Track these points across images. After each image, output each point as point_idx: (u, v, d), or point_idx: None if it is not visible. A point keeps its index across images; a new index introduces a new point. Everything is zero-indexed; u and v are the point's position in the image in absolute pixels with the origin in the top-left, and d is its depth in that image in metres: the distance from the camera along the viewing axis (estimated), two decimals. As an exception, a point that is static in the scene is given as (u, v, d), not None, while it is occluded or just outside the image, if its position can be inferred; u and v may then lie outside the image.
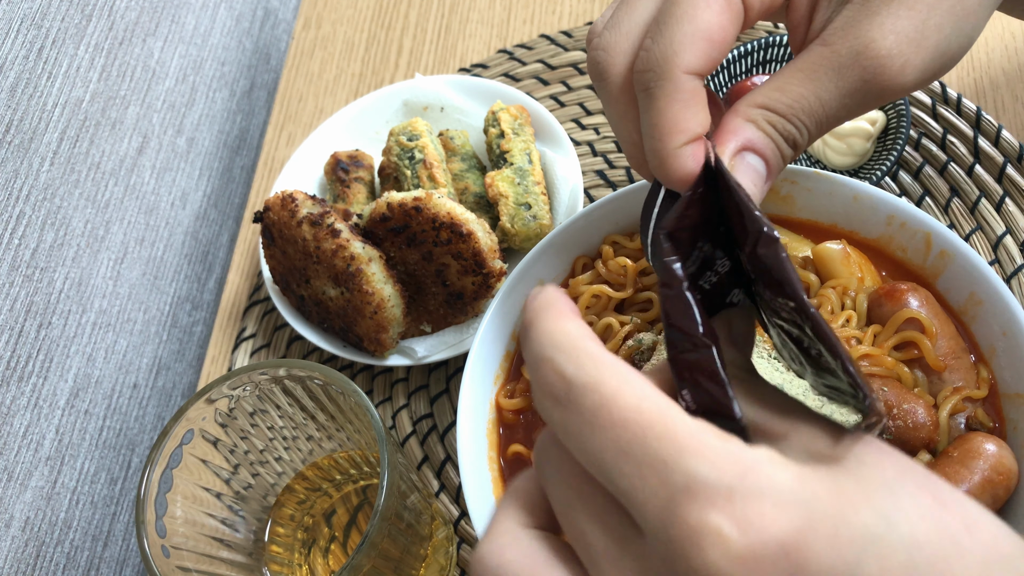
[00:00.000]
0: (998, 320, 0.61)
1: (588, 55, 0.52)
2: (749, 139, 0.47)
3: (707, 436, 0.30)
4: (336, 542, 0.76)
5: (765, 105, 0.47)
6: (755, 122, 0.47)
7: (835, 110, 0.47)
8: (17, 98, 0.81)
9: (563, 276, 0.75)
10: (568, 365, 0.33)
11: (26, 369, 0.82)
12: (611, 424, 0.31)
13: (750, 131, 0.47)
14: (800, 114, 0.47)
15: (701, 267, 0.44)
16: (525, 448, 0.68)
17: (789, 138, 0.47)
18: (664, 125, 0.46)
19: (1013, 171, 0.83)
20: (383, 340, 0.83)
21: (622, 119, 0.51)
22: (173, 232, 1.08)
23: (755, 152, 0.48)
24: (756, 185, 0.47)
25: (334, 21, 1.19)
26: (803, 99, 0.46)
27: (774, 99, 0.47)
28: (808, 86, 0.46)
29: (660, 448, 0.30)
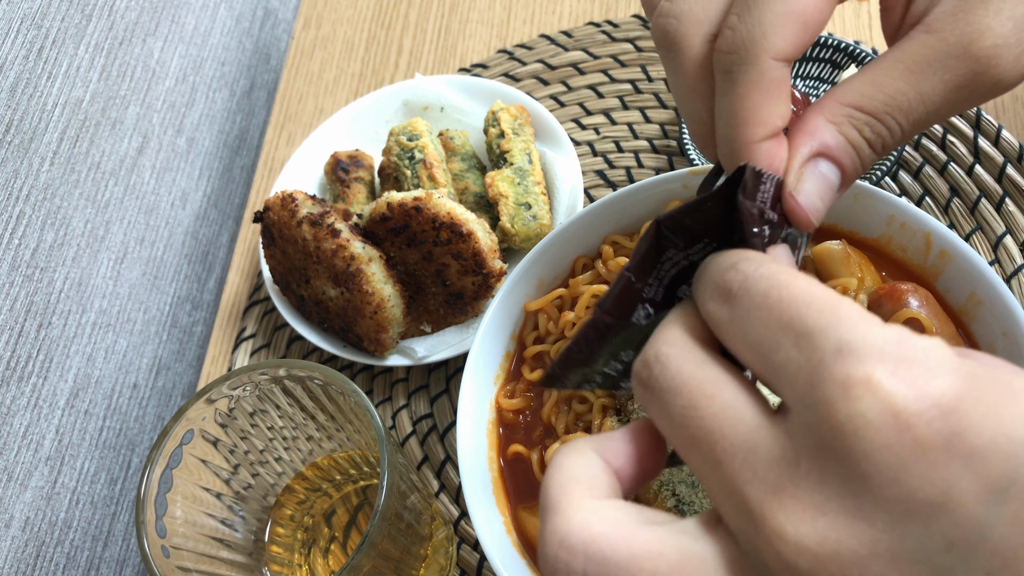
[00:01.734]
0: (998, 320, 0.61)
1: (656, 22, 0.46)
2: (827, 144, 0.42)
3: (873, 321, 0.29)
4: (336, 542, 0.76)
5: (856, 104, 0.42)
6: (838, 124, 0.42)
7: (938, 107, 0.41)
8: (17, 98, 0.81)
9: (563, 276, 0.75)
10: (742, 262, 0.34)
11: (26, 369, 0.82)
12: (779, 301, 0.31)
13: (829, 134, 0.42)
14: (896, 113, 0.41)
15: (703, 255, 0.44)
16: (525, 448, 0.68)
17: (877, 142, 0.43)
18: (744, 115, 0.42)
19: (1013, 171, 0.83)
20: (383, 340, 0.83)
21: (693, 96, 0.46)
22: (173, 232, 1.08)
23: (831, 160, 0.43)
24: (823, 199, 0.42)
25: (334, 21, 1.19)
26: (902, 95, 0.41)
27: (868, 96, 0.42)
28: (909, 80, 0.41)
29: (820, 319, 0.30)
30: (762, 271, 0.33)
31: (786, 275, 0.32)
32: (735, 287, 0.33)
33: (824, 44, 0.89)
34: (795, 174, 0.42)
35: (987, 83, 0.41)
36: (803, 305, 0.30)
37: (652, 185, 0.71)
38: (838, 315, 0.29)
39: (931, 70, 0.40)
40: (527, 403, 0.71)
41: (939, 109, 0.41)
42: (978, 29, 0.40)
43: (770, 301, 0.31)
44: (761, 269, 0.33)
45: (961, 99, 0.41)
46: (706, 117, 0.46)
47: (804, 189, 0.42)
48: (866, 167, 0.44)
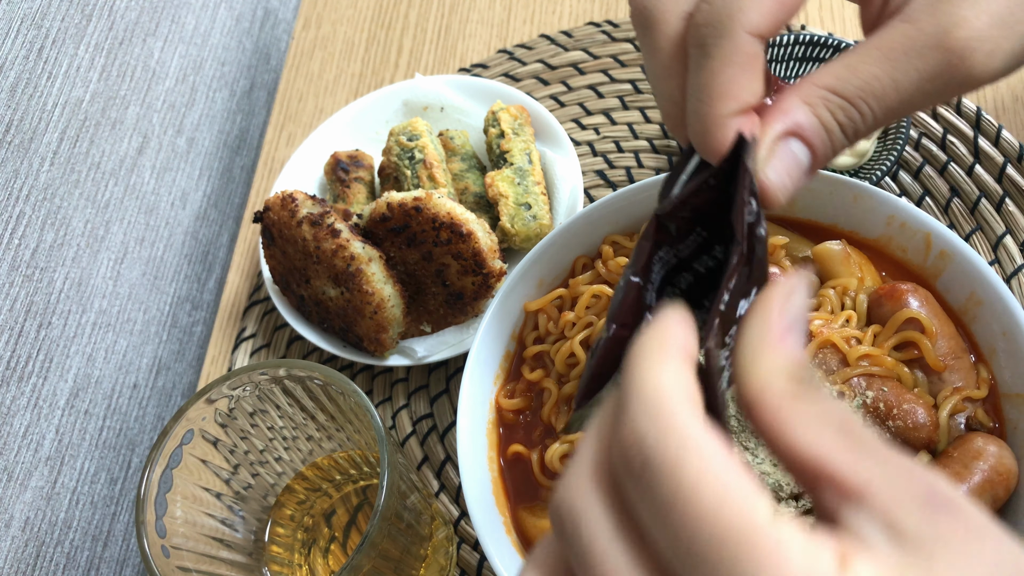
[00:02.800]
0: (998, 320, 0.61)
1: (632, 1, 0.47)
2: (799, 123, 0.42)
3: (791, 550, 0.27)
4: (336, 542, 0.76)
5: (830, 87, 0.42)
6: (812, 105, 0.42)
7: (910, 96, 0.41)
8: (17, 98, 0.81)
9: (563, 276, 0.75)
10: (649, 433, 0.30)
11: (26, 369, 0.82)
12: (684, 524, 0.28)
13: (803, 114, 0.42)
14: (869, 98, 0.42)
15: (697, 251, 0.43)
16: (525, 448, 0.69)
17: (849, 126, 0.43)
18: (716, 88, 0.42)
19: (1013, 171, 0.84)
20: (383, 340, 0.83)
21: (666, 74, 0.46)
22: (173, 232, 1.08)
23: (802, 139, 0.43)
24: (791, 176, 0.43)
25: (334, 21, 1.19)
26: (876, 81, 0.41)
27: (843, 79, 0.42)
28: (884, 67, 0.41)
29: (737, 564, 0.27)
30: (662, 457, 0.29)
31: (694, 469, 0.28)
32: (636, 469, 0.30)
33: (823, 44, 0.89)
34: (766, 149, 0.42)
35: (960, 75, 0.41)
36: (715, 533, 0.27)
37: (652, 185, 0.71)
38: (756, 560, 0.27)
39: (906, 58, 0.41)
40: (527, 403, 0.71)
41: (912, 98, 0.42)
42: (954, 20, 0.40)
43: (676, 514, 0.28)
44: (659, 451, 0.29)
45: (934, 89, 0.41)
46: (679, 97, 0.46)
47: (774, 165, 0.42)
48: (836, 150, 0.44)
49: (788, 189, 0.43)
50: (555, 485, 0.34)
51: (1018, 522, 0.57)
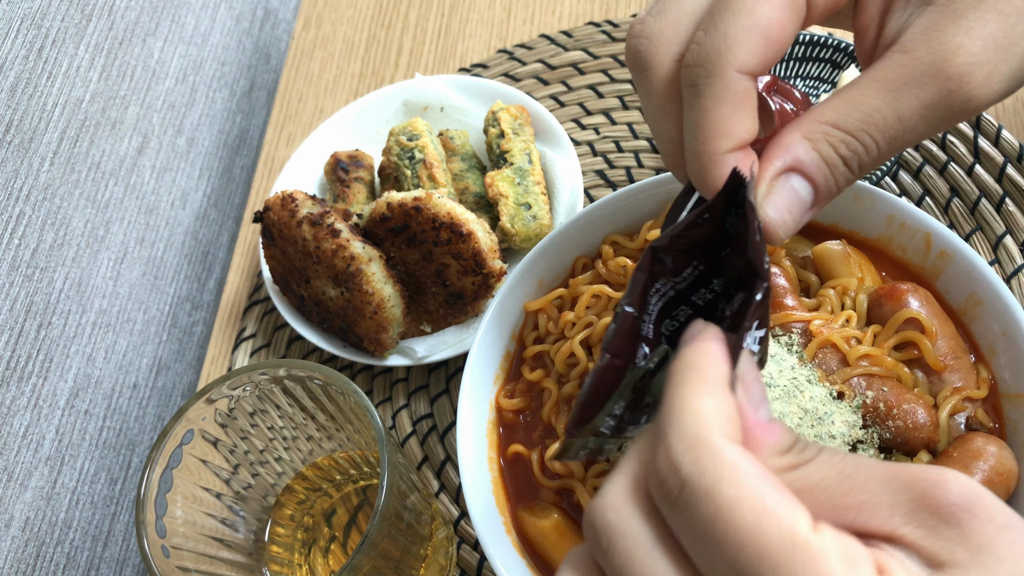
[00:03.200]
0: (998, 320, 0.61)
1: (628, 43, 0.48)
2: (799, 159, 0.42)
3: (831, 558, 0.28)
4: (336, 542, 0.76)
5: (831, 121, 0.42)
6: (813, 140, 0.42)
7: (914, 126, 0.41)
8: (17, 98, 0.81)
9: (563, 276, 0.75)
10: (686, 459, 0.31)
11: (26, 369, 0.82)
12: (725, 541, 0.29)
13: (803, 150, 0.42)
14: (872, 131, 0.41)
15: (695, 284, 0.43)
16: (525, 448, 0.68)
17: (853, 160, 0.42)
18: (709, 127, 0.42)
19: (1013, 171, 0.83)
20: (383, 340, 0.83)
21: (661, 115, 0.47)
22: (173, 232, 1.08)
23: (803, 175, 0.42)
24: (792, 213, 0.43)
25: (334, 21, 1.19)
26: (878, 113, 0.41)
27: (844, 113, 0.42)
28: (885, 98, 0.41)
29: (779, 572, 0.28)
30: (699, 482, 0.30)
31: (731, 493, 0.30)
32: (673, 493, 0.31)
33: (824, 44, 0.89)
34: (766, 185, 0.42)
35: (959, 100, 0.41)
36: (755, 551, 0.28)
37: (652, 185, 0.71)
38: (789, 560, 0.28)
39: (906, 88, 0.41)
40: (527, 403, 0.71)
41: (915, 127, 0.42)
42: (950, 48, 0.40)
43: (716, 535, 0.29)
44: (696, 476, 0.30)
45: (936, 117, 0.42)
46: (676, 136, 0.47)
47: (773, 201, 0.42)
48: (840, 186, 0.44)
49: (789, 226, 0.43)
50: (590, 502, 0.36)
51: (1018, 522, 0.57)
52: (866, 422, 0.59)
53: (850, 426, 0.58)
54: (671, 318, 0.43)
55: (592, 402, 0.42)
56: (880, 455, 0.59)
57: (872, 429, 0.59)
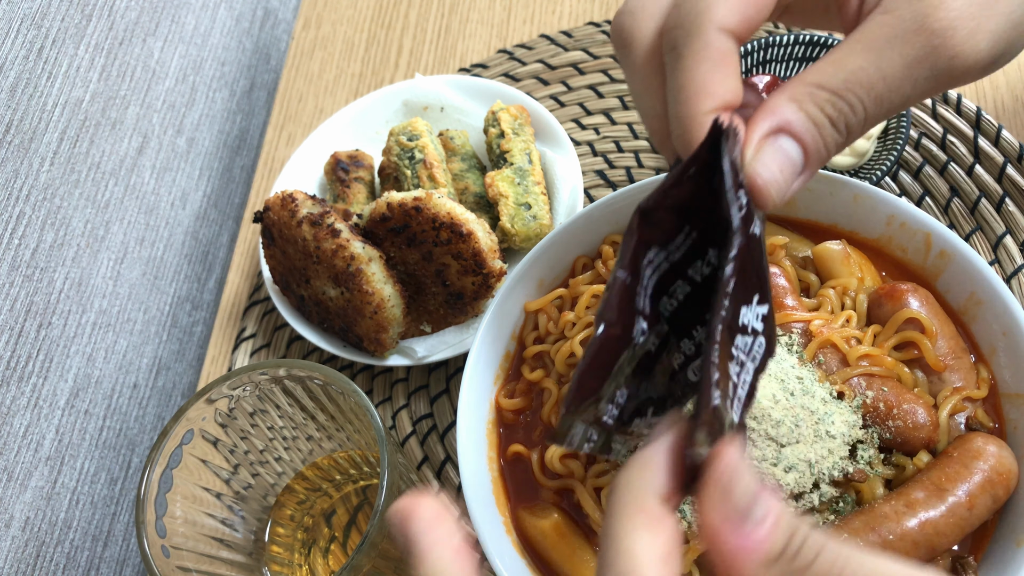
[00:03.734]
0: (998, 320, 0.61)
1: (613, 22, 0.47)
2: (787, 120, 0.41)
3: None
4: (336, 542, 0.76)
5: (817, 83, 0.41)
6: (799, 101, 0.42)
7: (899, 84, 0.41)
8: (17, 98, 0.81)
9: (563, 276, 0.75)
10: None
11: (26, 369, 0.82)
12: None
13: (790, 111, 0.41)
14: (857, 90, 0.41)
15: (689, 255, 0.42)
16: (525, 448, 0.68)
17: (840, 120, 0.42)
18: (691, 86, 0.42)
19: (1013, 171, 0.83)
20: (383, 340, 0.83)
21: (646, 89, 0.46)
22: (173, 232, 1.08)
23: (792, 135, 0.42)
24: (784, 173, 0.42)
25: (334, 21, 1.19)
26: (862, 71, 0.41)
27: (827, 75, 0.41)
28: (867, 57, 0.41)
29: None
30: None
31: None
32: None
33: (824, 44, 0.89)
34: (754, 147, 0.41)
35: (944, 57, 0.41)
36: None
37: (652, 185, 0.71)
38: None
39: (889, 46, 0.41)
40: (527, 403, 0.71)
41: (900, 86, 0.41)
42: (933, 4, 0.40)
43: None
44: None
45: (922, 76, 0.41)
46: (661, 110, 0.46)
47: (763, 160, 0.41)
48: (830, 147, 0.43)
49: (780, 186, 0.42)
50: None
51: (1018, 522, 0.57)
52: (866, 422, 0.59)
53: (850, 426, 0.58)
54: (668, 295, 0.42)
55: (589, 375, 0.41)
56: (880, 455, 0.59)
57: (872, 429, 0.59)
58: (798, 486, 0.56)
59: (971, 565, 0.56)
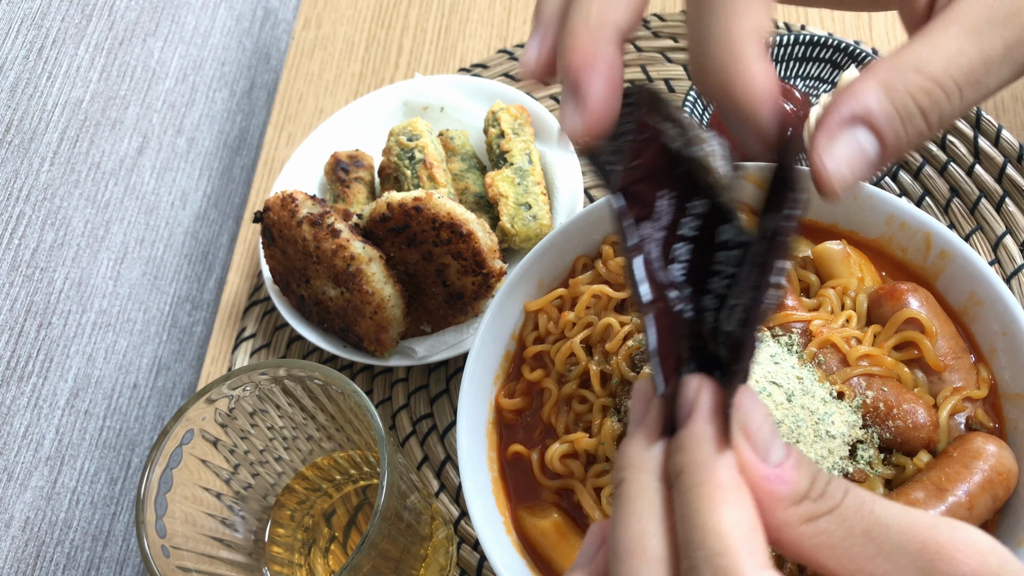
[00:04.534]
0: (998, 320, 0.61)
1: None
2: (868, 108, 0.37)
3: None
4: (336, 542, 0.76)
5: (914, 66, 0.37)
6: (889, 88, 0.37)
7: (998, 68, 0.38)
8: (17, 98, 0.81)
9: (563, 276, 0.75)
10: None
11: (26, 369, 0.82)
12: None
13: (876, 99, 0.37)
14: (957, 74, 0.37)
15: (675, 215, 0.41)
16: (525, 448, 0.68)
17: (933, 111, 0.38)
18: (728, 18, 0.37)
19: (1013, 171, 0.84)
20: (383, 340, 0.83)
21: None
22: (173, 232, 1.08)
23: (872, 128, 0.38)
24: (852, 168, 0.37)
25: (334, 21, 1.19)
26: (963, 55, 0.37)
27: (925, 58, 0.37)
28: (970, 39, 0.37)
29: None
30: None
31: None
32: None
33: (824, 44, 0.89)
34: (826, 134, 0.37)
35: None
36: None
37: (652, 185, 0.71)
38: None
39: (990, 28, 0.37)
40: (527, 403, 0.71)
41: (999, 71, 0.38)
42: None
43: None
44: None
45: (1019, 59, 0.38)
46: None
47: (834, 153, 0.37)
48: (912, 142, 0.39)
49: (847, 182, 0.38)
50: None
51: (1018, 522, 0.57)
52: (866, 422, 0.59)
53: (850, 426, 0.58)
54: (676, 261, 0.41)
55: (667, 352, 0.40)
56: (880, 455, 0.59)
57: (872, 429, 0.59)
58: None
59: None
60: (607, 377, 0.66)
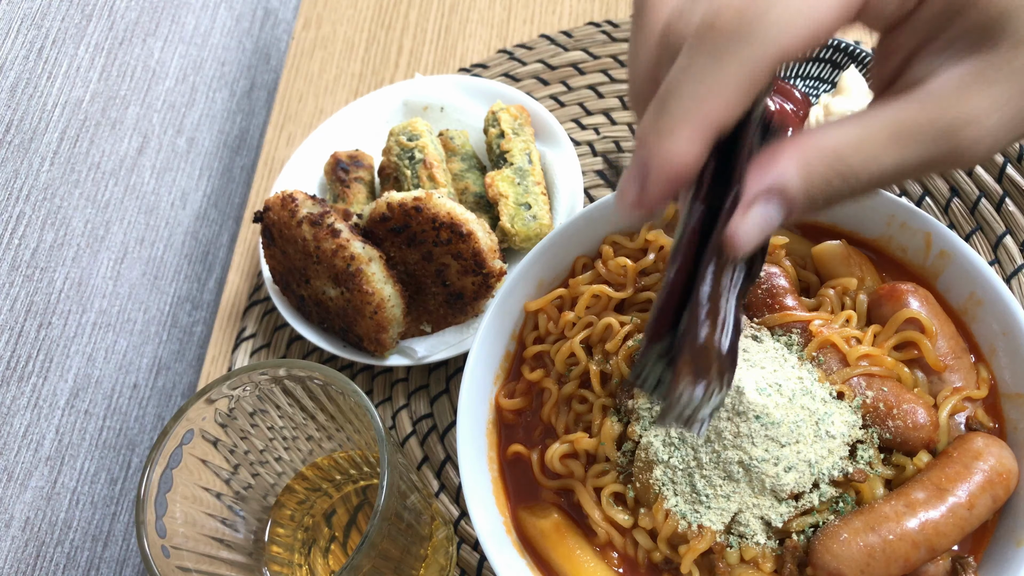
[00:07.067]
0: (998, 320, 0.61)
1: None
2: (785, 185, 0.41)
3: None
4: (336, 542, 0.76)
5: (835, 152, 0.41)
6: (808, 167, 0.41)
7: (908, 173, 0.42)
8: (17, 98, 0.81)
9: (563, 276, 0.75)
10: None
11: (26, 369, 0.82)
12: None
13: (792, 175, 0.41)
14: (873, 168, 0.41)
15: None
16: (525, 448, 0.68)
17: (842, 190, 0.42)
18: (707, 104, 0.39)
19: (1013, 171, 0.84)
20: (383, 340, 0.83)
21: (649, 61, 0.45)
22: (173, 232, 1.08)
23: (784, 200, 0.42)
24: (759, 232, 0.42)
25: (334, 21, 1.19)
26: (884, 156, 0.41)
27: (849, 151, 0.41)
28: (893, 147, 0.41)
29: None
30: None
31: None
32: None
33: (824, 44, 0.89)
34: (746, 204, 0.41)
35: (955, 162, 0.41)
36: None
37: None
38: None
39: (915, 143, 0.41)
40: (527, 403, 0.71)
41: (909, 175, 0.42)
42: (967, 119, 0.40)
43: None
44: None
45: (928, 169, 0.42)
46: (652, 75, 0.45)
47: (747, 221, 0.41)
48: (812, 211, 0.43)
49: (753, 243, 0.42)
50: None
51: (1018, 522, 0.57)
52: (866, 422, 0.59)
53: (850, 426, 0.58)
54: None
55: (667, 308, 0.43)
56: (880, 455, 0.59)
57: (872, 429, 0.59)
58: (798, 486, 0.56)
59: (971, 565, 0.56)
60: (607, 377, 0.66)
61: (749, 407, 0.55)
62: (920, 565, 0.55)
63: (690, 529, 0.57)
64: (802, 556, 0.57)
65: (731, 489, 0.57)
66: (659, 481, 0.59)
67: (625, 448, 0.63)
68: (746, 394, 0.56)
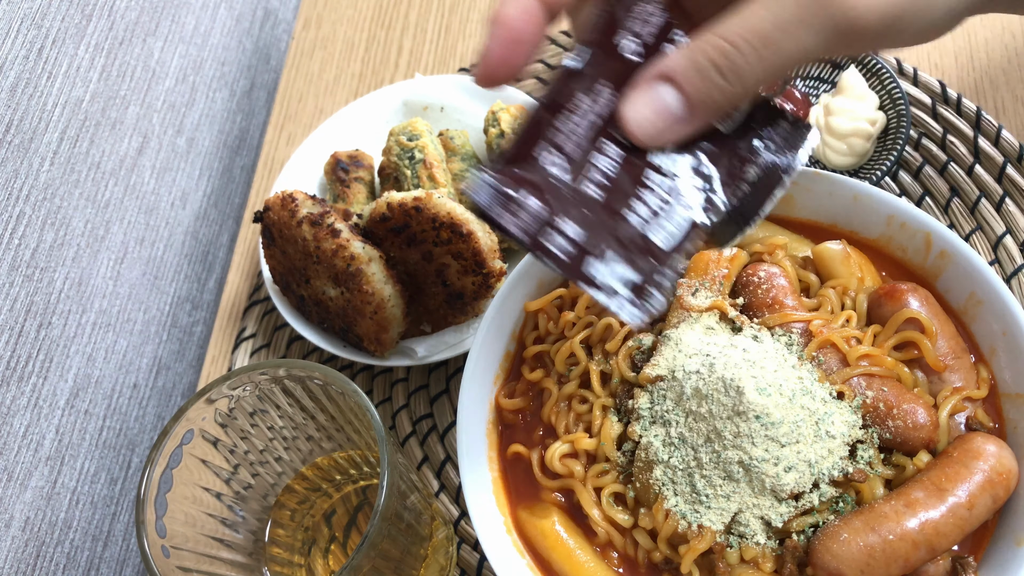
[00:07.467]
0: (998, 320, 0.61)
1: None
2: (670, 68, 0.45)
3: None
4: (336, 542, 0.76)
5: (713, 30, 0.44)
6: (689, 51, 0.44)
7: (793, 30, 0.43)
8: (17, 98, 0.81)
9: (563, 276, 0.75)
10: None
11: (26, 369, 0.82)
12: None
13: (676, 59, 0.44)
14: (751, 37, 0.43)
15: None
16: (525, 448, 0.68)
17: (729, 68, 0.44)
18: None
19: (1013, 171, 0.84)
20: (383, 340, 0.83)
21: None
22: (173, 232, 1.08)
23: (672, 83, 0.45)
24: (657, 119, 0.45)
25: (334, 21, 1.19)
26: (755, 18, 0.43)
27: (724, 24, 0.44)
28: (764, 6, 0.43)
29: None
30: None
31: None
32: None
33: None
34: (631, 88, 0.45)
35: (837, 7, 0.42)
36: None
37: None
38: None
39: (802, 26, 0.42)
40: (527, 403, 0.71)
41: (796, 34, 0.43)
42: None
43: None
44: None
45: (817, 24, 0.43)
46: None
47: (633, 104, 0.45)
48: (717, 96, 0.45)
49: (655, 130, 0.45)
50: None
51: (1018, 522, 0.57)
52: (866, 422, 0.59)
53: (850, 426, 0.58)
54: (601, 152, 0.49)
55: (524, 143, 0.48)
56: (880, 455, 0.59)
57: (872, 429, 0.59)
58: (798, 486, 0.56)
59: (971, 565, 0.56)
60: (607, 377, 0.66)
61: (749, 407, 0.55)
62: (920, 565, 0.55)
63: (690, 529, 0.57)
64: (802, 556, 0.57)
65: (731, 489, 0.57)
66: (659, 481, 0.59)
67: (625, 448, 0.63)
68: (746, 394, 0.56)
